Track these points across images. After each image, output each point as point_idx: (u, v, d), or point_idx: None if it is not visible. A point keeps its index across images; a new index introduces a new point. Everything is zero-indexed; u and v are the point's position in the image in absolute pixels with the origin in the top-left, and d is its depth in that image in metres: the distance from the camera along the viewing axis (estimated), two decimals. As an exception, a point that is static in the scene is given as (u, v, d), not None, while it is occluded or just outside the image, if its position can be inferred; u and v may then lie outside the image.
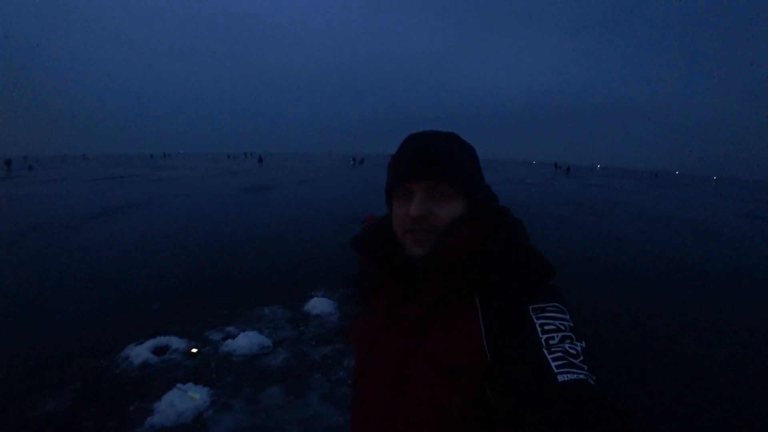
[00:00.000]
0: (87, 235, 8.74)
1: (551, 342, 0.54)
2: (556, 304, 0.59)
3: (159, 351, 3.72)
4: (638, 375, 3.57)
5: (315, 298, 4.92)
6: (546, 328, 0.56)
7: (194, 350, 3.75)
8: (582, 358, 0.52)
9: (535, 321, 0.57)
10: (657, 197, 22.40)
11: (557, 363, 0.51)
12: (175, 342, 3.86)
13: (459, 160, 0.69)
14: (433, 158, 0.67)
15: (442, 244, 0.64)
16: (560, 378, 0.49)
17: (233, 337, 3.96)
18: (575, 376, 0.49)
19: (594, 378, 0.50)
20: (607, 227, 10.56)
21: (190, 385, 3.14)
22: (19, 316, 4.53)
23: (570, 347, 0.53)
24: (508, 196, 17.74)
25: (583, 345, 0.54)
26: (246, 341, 3.83)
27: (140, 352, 3.65)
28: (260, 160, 53.09)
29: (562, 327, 0.56)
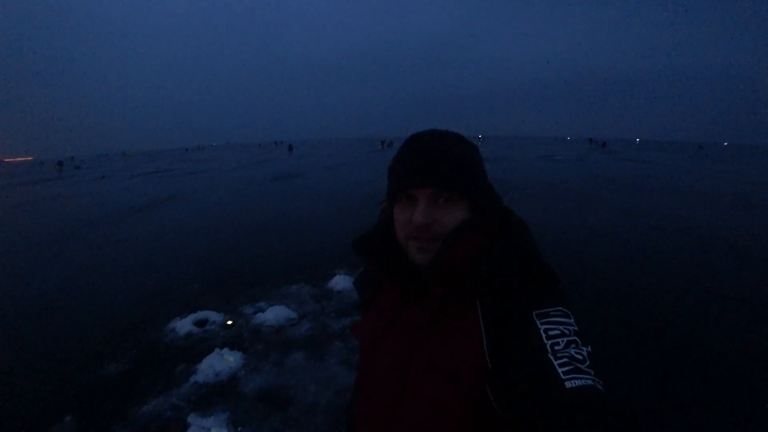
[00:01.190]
0: (132, 227, 9.55)
1: (556, 347, 0.54)
2: (560, 308, 0.59)
3: (200, 323, 4.22)
4: (654, 376, 3.21)
5: (338, 275, 5.29)
6: (551, 333, 0.56)
7: (229, 322, 4.22)
8: (588, 362, 0.52)
9: (540, 326, 0.57)
10: (697, 171, 21.25)
11: (564, 369, 0.50)
12: (213, 316, 4.35)
13: (463, 165, 0.67)
14: (437, 163, 0.65)
15: (447, 253, 0.64)
16: (568, 384, 0.48)
17: (263, 311, 4.39)
18: (583, 382, 0.49)
19: (601, 383, 0.50)
20: (635, 203, 10.26)
21: (226, 350, 3.59)
22: (81, 299, 5.20)
23: (576, 352, 0.53)
24: (534, 173, 17.49)
25: (589, 349, 0.54)
26: (274, 314, 4.26)
27: (184, 325, 4.16)
28: (290, 148, 53.39)
29: (567, 332, 0.56)
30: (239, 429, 2.68)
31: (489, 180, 0.75)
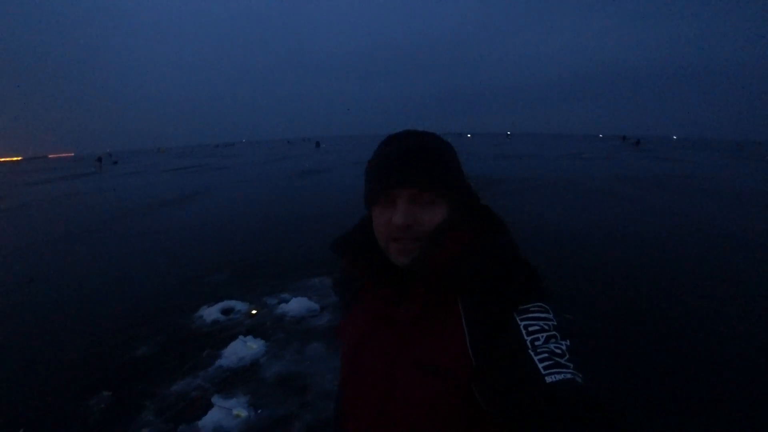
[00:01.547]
0: (162, 219, 10.01)
1: (536, 343, 0.55)
2: (539, 303, 0.60)
3: (226, 312, 4.41)
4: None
5: (358, 270, 5.40)
6: (531, 329, 0.56)
7: (254, 311, 4.39)
8: (568, 356, 0.53)
9: (519, 323, 0.58)
10: (735, 170, 20.27)
11: (544, 364, 0.51)
12: (239, 305, 4.53)
13: (442, 164, 0.68)
14: (416, 163, 0.65)
15: (429, 254, 0.64)
16: (548, 379, 0.50)
17: (286, 302, 4.54)
18: (563, 376, 0.50)
19: (581, 375, 0.52)
20: (662, 203, 9.89)
21: (249, 338, 3.76)
22: (117, 285, 5.52)
23: (555, 347, 0.54)
24: (557, 171, 17.12)
25: (568, 343, 0.55)
26: (297, 305, 4.40)
27: (211, 312, 4.36)
28: (317, 144, 53.80)
29: (546, 327, 0.57)
30: (259, 411, 2.83)
31: (467, 179, 0.75)
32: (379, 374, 0.68)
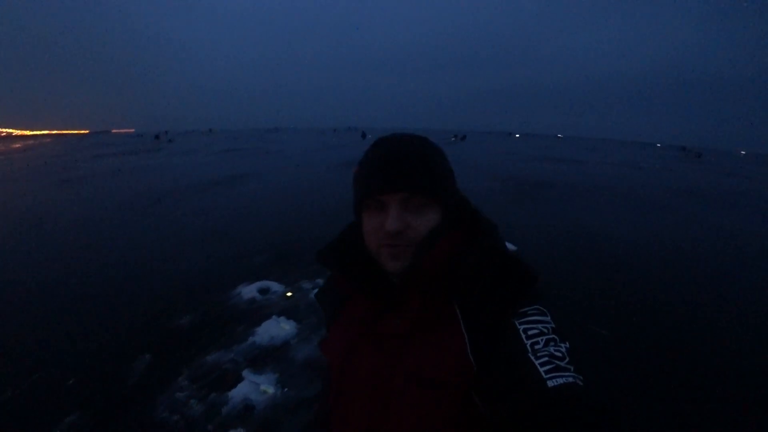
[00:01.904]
0: (209, 199, 10.44)
1: (536, 347, 0.54)
2: (537, 306, 0.59)
3: (262, 291, 4.56)
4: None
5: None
6: (530, 333, 0.56)
7: (289, 294, 4.51)
8: (568, 359, 0.53)
9: (518, 327, 0.57)
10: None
11: (545, 368, 0.51)
12: (275, 286, 4.67)
13: (433, 168, 0.67)
14: (407, 168, 0.64)
15: (423, 259, 0.64)
16: (550, 383, 0.50)
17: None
18: (564, 380, 0.50)
19: (581, 378, 0.51)
20: (718, 220, 9.12)
21: (283, 318, 3.87)
22: (162, 258, 5.86)
23: (555, 350, 0.54)
24: (611, 180, 16.27)
25: (567, 345, 0.55)
26: (330, 292, 4.48)
27: (248, 291, 4.53)
28: (363, 135, 53.91)
29: (545, 330, 0.56)
30: (285, 389, 2.91)
31: (457, 183, 0.74)
32: (369, 392, 0.65)
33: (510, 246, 5.94)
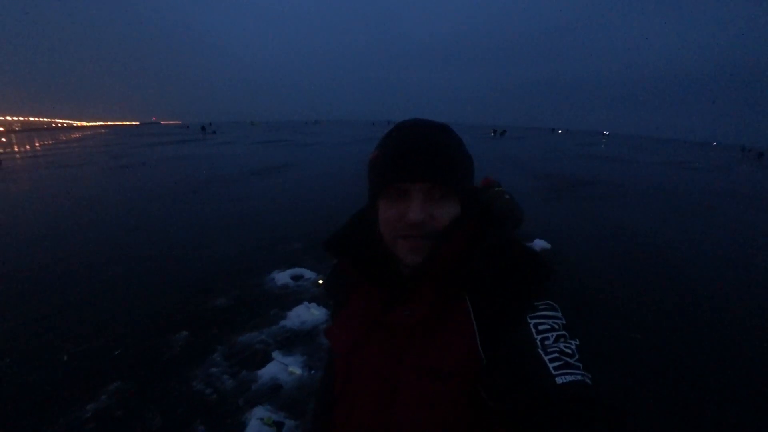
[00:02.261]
0: (248, 187, 10.88)
1: (546, 342, 0.54)
2: (548, 302, 0.58)
3: (295, 278, 4.70)
4: None
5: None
6: (540, 328, 0.55)
7: (321, 281, 4.61)
8: (577, 356, 0.52)
9: (529, 321, 0.56)
10: None
11: (554, 364, 0.51)
12: (308, 273, 4.80)
13: (455, 158, 0.64)
14: (433, 157, 0.62)
15: (441, 252, 0.63)
16: (558, 380, 0.49)
17: (350, 277, 4.72)
18: (572, 377, 0.49)
19: (590, 376, 0.51)
20: None
21: (313, 305, 3.97)
22: (202, 241, 6.15)
23: (565, 346, 0.53)
24: (658, 180, 15.40)
25: (577, 342, 0.54)
26: (359, 281, 4.54)
27: (282, 277, 4.67)
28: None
29: (556, 326, 0.56)
30: (312, 371, 3.00)
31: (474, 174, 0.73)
32: (379, 381, 0.64)
33: (542, 243, 5.88)
